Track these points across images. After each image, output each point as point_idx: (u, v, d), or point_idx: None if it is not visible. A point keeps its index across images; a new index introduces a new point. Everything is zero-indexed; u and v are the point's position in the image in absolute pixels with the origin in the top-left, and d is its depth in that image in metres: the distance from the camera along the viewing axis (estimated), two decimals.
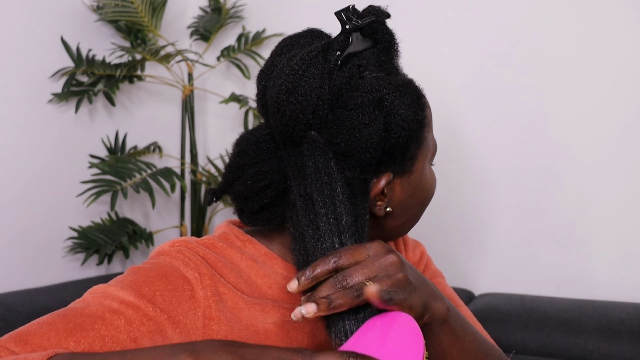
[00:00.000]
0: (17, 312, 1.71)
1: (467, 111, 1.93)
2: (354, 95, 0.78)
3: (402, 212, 0.85)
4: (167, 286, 0.77)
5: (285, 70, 0.78)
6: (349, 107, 0.78)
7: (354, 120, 0.77)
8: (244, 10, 2.26)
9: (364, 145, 0.77)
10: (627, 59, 1.74)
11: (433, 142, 0.88)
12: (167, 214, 2.35)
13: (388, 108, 0.78)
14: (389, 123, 0.78)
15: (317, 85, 0.77)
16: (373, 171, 0.81)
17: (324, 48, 0.79)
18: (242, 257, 0.84)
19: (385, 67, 0.82)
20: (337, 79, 0.78)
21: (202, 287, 0.78)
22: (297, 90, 0.77)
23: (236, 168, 0.85)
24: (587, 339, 1.56)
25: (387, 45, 0.83)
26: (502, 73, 1.88)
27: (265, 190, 0.82)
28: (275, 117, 0.79)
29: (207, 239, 0.85)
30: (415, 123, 0.80)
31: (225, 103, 2.13)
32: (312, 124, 0.78)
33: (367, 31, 0.81)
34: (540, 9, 1.83)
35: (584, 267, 1.81)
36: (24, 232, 1.97)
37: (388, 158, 0.80)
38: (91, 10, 2.13)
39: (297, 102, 0.77)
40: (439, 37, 1.96)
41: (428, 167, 0.88)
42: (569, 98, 1.81)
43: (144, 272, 0.78)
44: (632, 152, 1.75)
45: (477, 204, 1.94)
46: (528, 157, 1.86)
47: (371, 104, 0.77)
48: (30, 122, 1.98)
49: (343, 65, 0.79)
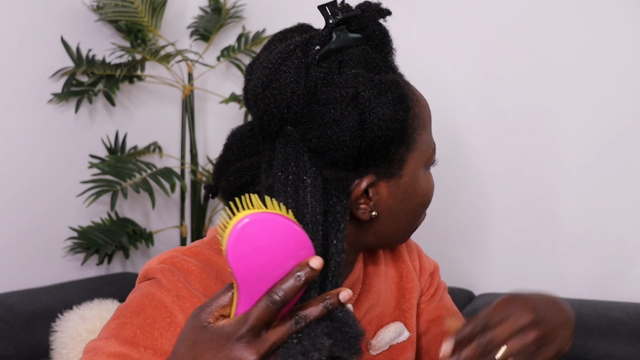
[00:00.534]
0: (17, 312, 1.71)
1: (467, 113, 1.93)
2: (328, 90, 0.76)
3: (391, 217, 0.82)
4: (145, 321, 0.77)
5: (264, 63, 0.77)
6: (322, 102, 0.75)
7: (325, 116, 0.75)
8: (244, 10, 2.26)
9: (336, 142, 0.74)
10: (628, 63, 1.74)
11: (429, 145, 0.84)
12: (167, 214, 2.35)
13: (363, 105, 0.75)
14: (364, 121, 0.75)
15: (292, 80, 0.75)
16: (354, 171, 0.78)
17: (304, 42, 0.77)
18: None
19: (373, 65, 0.79)
20: (313, 74, 0.76)
21: (181, 310, 0.77)
22: (272, 84, 0.75)
23: (222, 164, 0.84)
24: (587, 339, 1.56)
25: (380, 42, 0.80)
26: (502, 75, 1.88)
27: (248, 187, 0.81)
28: (253, 110, 0.79)
29: (194, 247, 0.85)
30: (396, 123, 0.76)
31: (225, 103, 2.13)
32: (287, 118, 0.76)
33: (354, 27, 0.79)
34: (541, 13, 1.83)
35: (583, 267, 1.81)
36: (24, 232, 1.97)
37: (367, 158, 0.77)
38: (91, 10, 2.13)
39: (272, 95, 0.75)
40: (438, 40, 1.96)
41: (423, 171, 0.84)
42: (568, 100, 1.81)
43: (124, 313, 0.78)
44: (631, 153, 1.75)
45: (477, 205, 1.94)
46: (528, 159, 1.86)
47: (344, 100, 0.75)
48: (30, 122, 1.98)
49: (322, 61, 0.77)
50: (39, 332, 1.72)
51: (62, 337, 1.71)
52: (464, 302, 1.81)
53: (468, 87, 1.93)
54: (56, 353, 1.71)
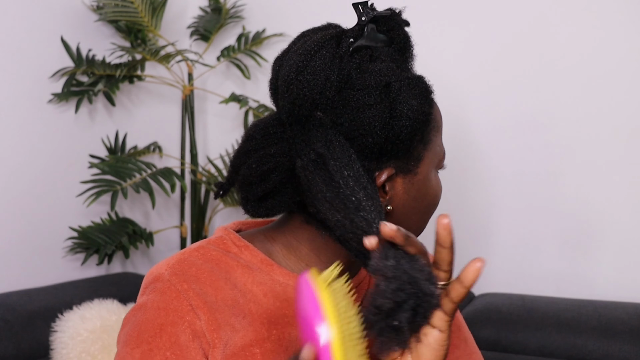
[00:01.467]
0: (17, 312, 1.71)
1: (472, 113, 1.93)
2: (362, 76, 0.78)
3: (403, 215, 0.84)
4: (170, 339, 0.77)
5: (298, 51, 0.80)
6: (356, 88, 0.78)
7: (359, 100, 0.78)
8: (244, 10, 2.26)
9: (367, 127, 0.77)
10: (635, 61, 1.74)
11: (441, 148, 0.87)
12: (167, 214, 2.35)
13: (395, 94, 0.78)
14: (394, 109, 0.78)
15: (326, 67, 0.78)
16: (376, 161, 0.80)
17: (338, 34, 0.81)
18: (237, 264, 0.83)
19: (397, 63, 0.82)
20: (347, 64, 0.79)
21: (197, 318, 0.78)
22: (306, 70, 0.78)
23: (243, 153, 0.84)
24: (587, 339, 1.56)
25: (402, 46, 0.83)
26: (511, 76, 1.88)
27: (270, 174, 0.81)
28: (284, 95, 0.80)
29: (201, 247, 0.85)
30: (422, 115, 0.80)
31: (225, 103, 2.13)
32: (318, 104, 0.78)
33: (382, 27, 0.82)
34: (552, 14, 1.83)
35: (584, 267, 1.81)
36: (24, 232, 1.97)
37: (391, 148, 0.79)
38: (91, 10, 2.13)
39: (306, 80, 0.78)
40: (448, 42, 1.96)
41: (434, 173, 0.87)
42: (574, 100, 1.81)
43: (145, 338, 0.78)
44: (634, 153, 1.75)
45: (478, 205, 1.94)
46: (530, 158, 1.86)
47: (378, 87, 0.78)
48: (30, 122, 1.98)
49: (355, 53, 0.80)
50: (39, 332, 1.72)
51: (62, 337, 1.71)
52: (464, 302, 1.81)
53: (477, 87, 1.93)
54: (56, 353, 1.71)
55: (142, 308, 0.81)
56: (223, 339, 0.79)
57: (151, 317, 0.79)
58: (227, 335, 0.79)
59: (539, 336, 1.60)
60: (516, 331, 1.62)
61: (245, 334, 0.80)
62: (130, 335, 0.80)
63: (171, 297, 0.79)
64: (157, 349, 0.77)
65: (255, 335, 0.80)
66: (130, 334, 0.80)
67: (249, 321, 0.81)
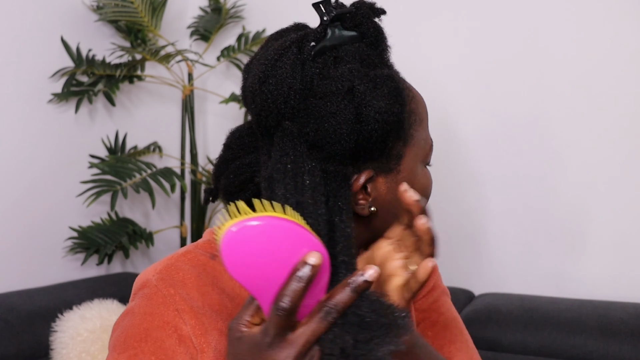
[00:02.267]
0: (17, 312, 1.71)
1: (466, 113, 1.93)
2: (324, 83, 0.76)
3: (390, 214, 0.82)
4: (155, 344, 0.77)
5: (261, 60, 0.78)
6: (318, 96, 0.76)
7: (321, 109, 0.75)
8: (244, 10, 2.26)
9: (333, 135, 0.75)
10: (626, 63, 1.74)
11: (426, 142, 0.84)
12: (167, 214, 2.35)
13: (359, 98, 0.75)
14: (360, 114, 0.75)
15: (288, 75, 0.76)
16: (352, 165, 0.78)
17: (299, 39, 0.78)
18: (223, 269, 0.83)
19: (368, 61, 0.79)
20: (309, 70, 0.77)
21: (184, 323, 0.78)
22: (268, 80, 0.76)
23: (222, 163, 0.85)
24: (587, 339, 1.56)
25: (374, 39, 0.81)
26: (501, 77, 1.88)
27: (248, 184, 0.82)
28: (250, 107, 0.79)
29: (188, 252, 0.85)
30: (392, 116, 0.77)
31: (225, 103, 2.13)
32: (284, 113, 0.77)
33: (349, 24, 0.80)
34: (541, 15, 1.83)
35: (584, 267, 1.81)
36: (24, 232, 1.97)
37: (365, 152, 0.77)
38: (91, 10, 2.13)
39: (269, 91, 0.76)
40: (437, 41, 1.96)
41: (421, 167, 0.84)
42: (567, 99, 1.81)
43: (131, 343, 0.78)
44: (631, 153, 1.75)
45: (478, 205, 1.94)
46: (528, 159, 1.86)
47: (340, 93, 0.75)
48: (30, 122, 1.98)
49: (317, 57, 0.78)
50: (39, 332, 1.72)
51: (62, 337, 1.71)
52: (464, 302, 1.81)
53: (466, 87, 1.93)
54: (56, 353, 1.71)
55: (130, 313, 0.81)
56: (211, 343, 0.79)
57: (137, 322, 0.79)
58: (215, 340, 0.79)
59: (539, 336, 1.60)
60: (516, 331, 1.62)
61: None
62: (117, 340, 0.80)
63: (157, 302, 0.79)
64: (142, 354, 0.77)
65: None
66: (118, 339, 0.80)
67: None
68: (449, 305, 0.98)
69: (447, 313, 0.97)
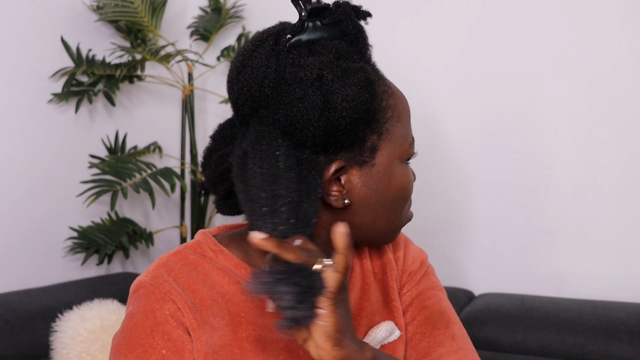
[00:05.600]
0: (17, 312, 1.71)
1: (465, 113, 1.93)
2: (294, 70, 0.79)
3: (366, 208, 0.83)
4: (163, 337, 0.79)
5: (240, 51, 0.82)
6: (289, 82, 0.79)
7: (290, 95, 0.78)
8: (244, 10, 2.26)
9: (301, 120, 0.77)
10: (620, 60, 1.74)
11: (405, 139, 0.84)
12: (167, 214, 2.35)
13: (328, 85, 0.77)
14: (328, 101, 0.77)
15: (262, 65, 0.79)
16: (323, 154, 0.80)
17: (276, 31, 0.82)
18: (213, 267, 0.85)
19: (345, 56, 0.81)
20: (283, 60, 0.80)
21: (183, 315, 0.80)
22: (245, 69, 0.80)
23: (206, 154, 0.88)
24: (587, 339, 1.56)
25: (354, 37, 0.83)
26: (488, 75, 1.88)
27: (228, 173, 0.84)
28: (229, 95, 0.83)
29: (179, 252, 0.86)
30: (360, 104, 0.78)
31: (225, 103, 2.13)
32: (259, 101, 0.79)
33: (328, 21, 0.82)
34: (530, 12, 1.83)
35: (584, 267, 1.81)
36: (24, 232, 1.97)
37: (335, 141, 0.79)
38: (91, 10, 2.13)
39: (245, 79, 0.80)
40: (423, 41, 1.96)
41: (399, 164, 0.84)
42: (555, 99, 1.81)
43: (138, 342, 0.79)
44: (632, 152, 1.75)
45: (477, 205, 1.94)
46: (527, 157, 1.86)
47: (308, 79, 0.78)
48: (30, 122, 1.98)
49: (293, 49, 0.80)
50: (39, 332, 1.72)
51: (62, 337, 1.71)
52: (464, 302, 1.81)
53: (456, 87, 1.93)
54: (56, 353, 1.71)
55: (129, 316, 0.82)
56: (203, 337, 0.80)
57: (139, 321, 0.80)
58: (207, 334, 0.80)
59: (539, 336, 1.60)
60: (516, 331, 1.62)
61: (224, 333, 0.81)
62: (121, 343, 0.81)
63: (156, 298, 0.81)
64: (151, 349, 0.78)
65: (233, 335, 0.82)
66: (121, 342, 0.81)
67: (227, 321, 0.82)
68: (437, 299, 0.95)
69: (432, 307, 0.94)
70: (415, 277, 0.96)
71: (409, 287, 0.96)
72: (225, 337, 0.81)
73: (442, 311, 0.93)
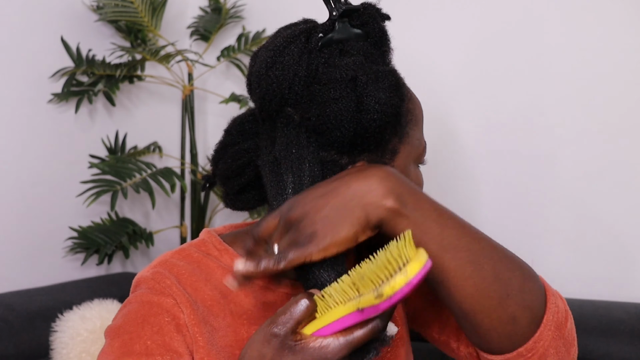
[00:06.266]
0: (17, 312, 1.71)
1: (467, 112, 1.93)
2: (329, 71, 0.78)
3: None
4: (152, 329, 0.78)
5: (269, 47, 0.81)
6: (322, 82, 0.78)
7: (324, 95, 0.77)
8: (244, 10, 2.26)
9: (334, 120, 0.77)
10: (623, 58, 1.74)
11: (420, 142, 0.86)
12: (167, 214, 2.35)
13: (361, 87, 0.77)
14: (361, 103, 0.77)
15: (294, 62, 0.78)
16: (348, 155, 0.80)
17: (308, 29, 0.81)
18: (217, 266, 0.85)
19: (372, 58, 0.81)
20: (315, 59, 0.79)
21: (181, 311, 0.80)
22: (275, 65, 0.79)
23: (221, 147, 0.87)
24: (587, 339, 1.56)
25: (379, 40, 0.83)
26: (495, 74, 1.88)
27: (245, 168, 0.84)
28: (255, 91, 0.82)
29: (183, 250, 0.86)
30: (391, 108, 0.78)
31: (225, 103, 2.13)
32: (287, 99, 0.79)
33: (355, 22, 0.82)
34: (537, 12, 1.83)
35: (584, 267, 1.81)
36: (24, 232, 1.97)
37: (362, 142, 0.79)
38: (91, 10, 2.13)
39: (275, 76, 0.78)
40: (432, 39, 1.96)
41: (413, 168, 0.86)
42: (567, 96, 1.81)
43: (127, 329, 0.79)
44: (630, 151, 1.75)
45: (476, 205, 1.94)
46: (527, 158, 1.86)
47: (343, 81, 0.77)
48: (30, 122, 1.98)
49: (324, 48, 0.80)
50: (39, 332, 1.72)
51: (62, 337, 1.71)
52: None
53: (462, 86, 1.93)
54: (56, 353, 1.71)
55: (126, 304, 0.82)
56: (205, 335, 0.80)
57: (134, 309, 0.80)
58: (208, 333, 0.80)
59: None
60: None
61: (226, 333, 0.81)
62: (111, 327, 0.81)
63: (156, 291, 0.81)
64: (137, 338, 0.78)
65: (235, 336, 0.82)
66: (111, 327, 0.81)
67: (228, 322, 0.82)
68: None
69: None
70: None
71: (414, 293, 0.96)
72: (226, 337, 0.81)
73: None
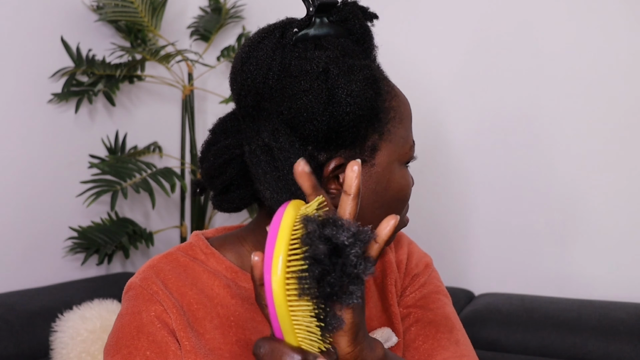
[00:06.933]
0: (17, 312, 1.71)
1: (462, 113, 1.93)
2: (300, 63, 0.78)
3: (363, 208, 0.81)
4: (148, 339, 0.79)
5: (246, 43, 0.82)
6: (294, 75, 0.78)
7: (295, 87, 0.77)
8: (244, 10, 2.26)
9: (305, 113, 0.76)
10: (621, 58, 1.74)
11: (406, 141, 0.83)
12: (167, 214, 2.35)
13: (333, 80, 0.77)
14: (333, 95, 0.77)
15: (267, 56, 0.79)
16: (325, 151, 0.79)
17: (283, 25, 0.81)
18: (203, 270, 0.85)
19: (350, 53, 0.81)
20: (289, 53, 0.79)
21: (169, 316, 0.80)
22: (250, 60, 0.80)
23: (205, 147, 0.87)
24: (587, 339, 1.56)
25: (361, 37, 0.82)
26: (489, 74, 1.88)
27: (227, 166, 0.83)
28: (232, 87, 0.83)
29: (170, 254, 0.86)
30: (365, 101, 0.77)
31: (225, 103, 2.13)
32: (262, 93, 0.79)
33: (335, 19, 0.82)
34: (532, 12, 1.83)
35: (584, 267, 1.81)
36: (24, 232, 1.97)
37: (337, 136, 0.78)
38: (91, 10, 2.13)
39: (249, 70, 0.79)
40: (426, 39, 1.96)
41: (398, 166, 0.83)
42: (563, 95, 1.81)
43: (124, 342, 0.80)
44: (631, 151, 1.75)
45: (477, 205, 1.94)
46: (527, 158, 1.86)
47: (314, 73, 0.77)
48: (30, 122, 1.98)
49: (299, 42, 0.80)
50: (39, 332, 1.72)
51: (62, 337, 1.71)
52: (464, 302, 1.81)
53: (457, 87, 1.93)
54: (56, 353, 1.71)
55: (119, 317, 0.83)
56: (191, 340, 0.80)
57: (127, 322, 0.81)
58: (194, 337, 0.80)
59: (539, 336, 1.60)
60: (516, 331, 1.62)
61: (213, 336, 0.81)
62: (109, 344, 0.82)
63: (144, 299, 0.81)
64: (136, 351, 0.78)
65: (223, 338, 0.81)
66: (109, 342, 0.82)
67: (215, 325, 0.82)
68: (442, 304, 0.94)
69: (437, 310, 0.92)
70: (419, 279, 0.95)
71: (412, 289, 0.95)
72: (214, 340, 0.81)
73: (446, 316, 0.92)
